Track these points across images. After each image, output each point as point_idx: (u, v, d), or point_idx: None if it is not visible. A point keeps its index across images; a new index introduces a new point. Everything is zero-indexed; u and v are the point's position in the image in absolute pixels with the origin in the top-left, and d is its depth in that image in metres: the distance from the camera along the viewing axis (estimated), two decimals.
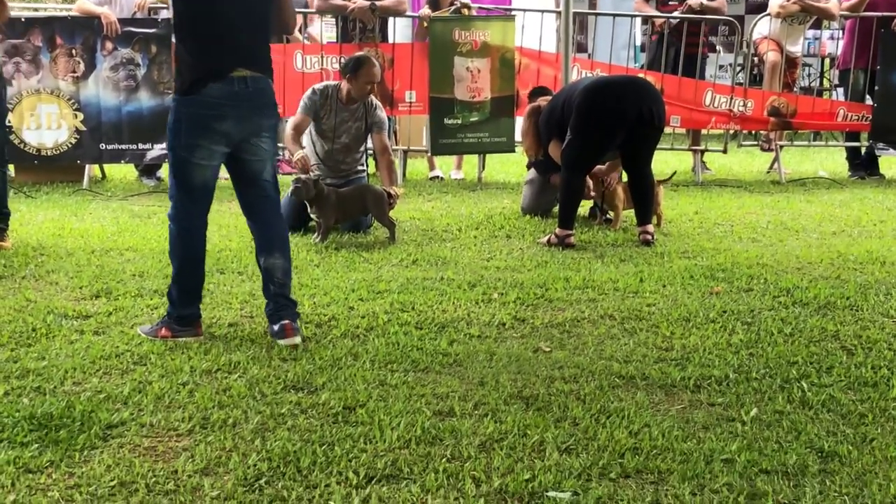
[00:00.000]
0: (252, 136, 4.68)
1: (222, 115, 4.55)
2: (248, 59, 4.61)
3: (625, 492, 3.09)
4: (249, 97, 4.61)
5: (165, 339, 4.64)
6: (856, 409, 3.80)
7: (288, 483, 3.13)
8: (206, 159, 4.61)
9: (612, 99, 6.94)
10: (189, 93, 4.54)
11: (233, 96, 4.56)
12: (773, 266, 6.22)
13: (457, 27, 9.74)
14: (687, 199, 9.11)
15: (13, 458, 3.28)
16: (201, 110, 4.53)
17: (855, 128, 10.80)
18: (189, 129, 4.55)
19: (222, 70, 4.55)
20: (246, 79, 4.59)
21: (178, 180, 4.64)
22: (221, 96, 4.53)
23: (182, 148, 4.57)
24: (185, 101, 4.56)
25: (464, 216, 8.05)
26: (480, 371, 4.22)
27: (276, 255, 4.78)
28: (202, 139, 4.56)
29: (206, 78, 4.52)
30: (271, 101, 4.76)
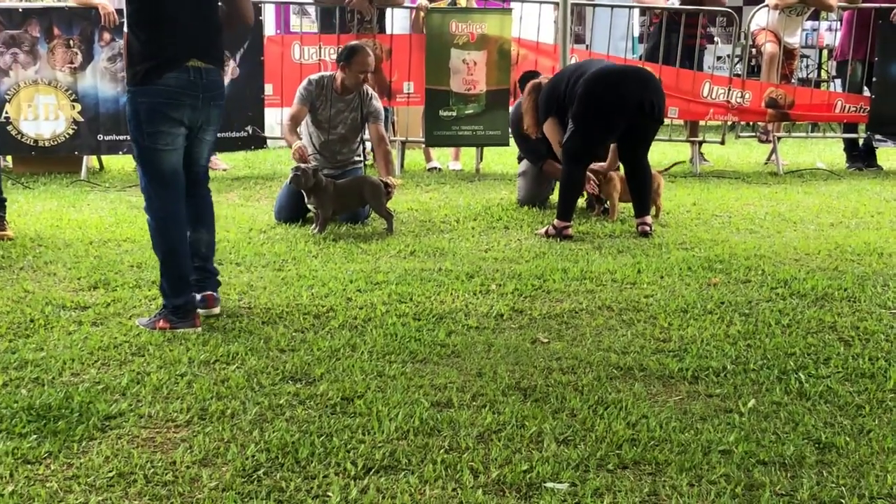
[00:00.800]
0: (201, 130, 4.83)
1: (179, 104, 4.64)
2: (201, 50, 4.70)
3: (622, 483, 3.10)
4: (205, 88, 4.72)
5: (164, 330, 4.66)
6: (853, 401, 3.81)
7: (286, 474, 3.14)
8: (171, 144, 4.69)
9: (613, 89, 6.92)
10: (144, 83, 4.59)
11: (190, 85, 4.65)
12: (771, 257, 6.23)
13: (454, 19, 9.72)
14: (685, 190, 9.11)
15: (12, 449, 3.28)
16: (158, 99, 4.60)
17: (853, 119, 10.80)
18: (148, 118, 4.61)
19: (178, 60, 4.62)
20: (200, 69, 4.69)
21: (148, 170, 4.71)
22: (178, 85, 4.62)
23: (145, 137, 4.64)
24: (141, 92, 4.61)
25: (462, 207, 8.05)
26: (478, 362, 4.22)
27: (201, 230, 4.97)
28: (163, 125, 4.63)
29: (163, 67, 4.59)
30: (222, 93, 4.90)
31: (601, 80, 6.95)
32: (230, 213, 7.75)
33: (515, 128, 8.45)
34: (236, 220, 7.50)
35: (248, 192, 8.84)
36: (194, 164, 4.92)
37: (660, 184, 7.72)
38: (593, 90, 6.90)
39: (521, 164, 8.48)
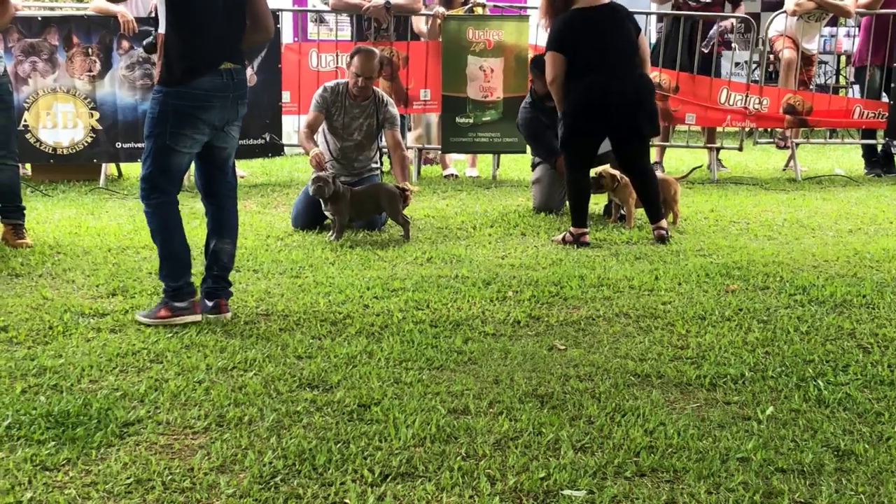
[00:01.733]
0: (227, 125, 4.97)
1: (211, 106, 4.80)
2: (233, 52, 4.90)
3: (640, 490, 3.09)
4: (235, 88, 4.89)
5: (164, 319, 4.83)
6: (872, 408, 3.79)
7: (303, 481, 3.14)
8: (189, 148, 4.86)
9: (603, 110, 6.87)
10: (180, 84, 4.74)
11: (222, 87, 4.82)
12: (790, 264, 6.20)
13: (471, 26, 9.74)
14: (702, 196, 9.09)
15: (30, 456, 3.30)
16: (190, 102, 4.75)
17: (871, 125, 10.77)
18: (176, 120, 4.75)
19: (214, 63, 4.80)
20: (231, 71, 4.87)
21: (158, 165, 4.83)
22: (212, 88, 4.78)
23: (167, 136, 4.77)
24: (173, 94, 4.75)
25: (478, 214, 8.05)
26: (495, 369, 4.22)
27: (226, 240, 5.12)
28: (188, 129, 4.79)
29: (201, 70, 4.77)
30: (247, 91, 5.08)
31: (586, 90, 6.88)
32: (248, 221, 7.76)
33: (526, 129, 8.46)
34: (254, 227, 7.52)
35: (266, 200, 8.86)
36: (224, 164, 5.09)
37: (676, 190, 7.70)
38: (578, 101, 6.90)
39: (535, 172, 8.48)
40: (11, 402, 3.76)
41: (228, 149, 5.08)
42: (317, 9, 11.63)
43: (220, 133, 4.95)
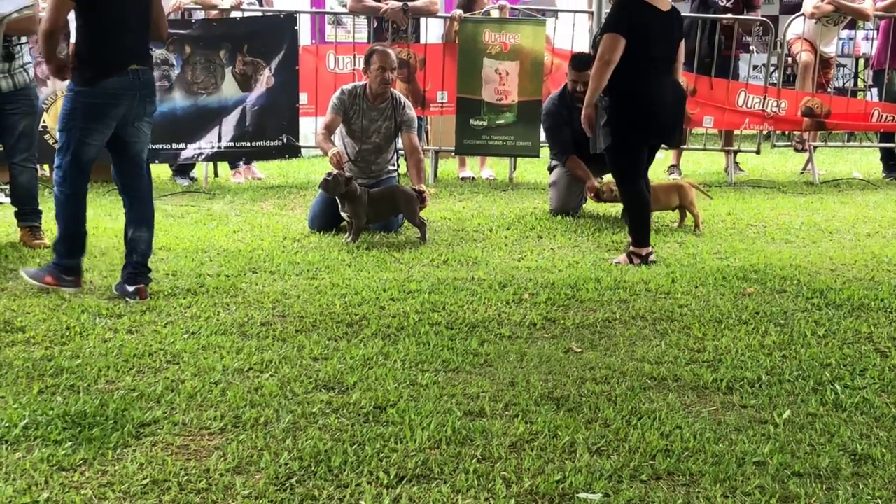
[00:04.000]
0: (136, 120, 5.50)
1: (119, 103, 5.36)
2: (139, 55, 5.46)
3: (656, 494, 3.08)
4: (141, 87, 5.44)
5: (49, 285, 5.44)
6: (889, 412, 3.78)
7: (319, 482, 3.14)
8: (98, 140, 5.43)
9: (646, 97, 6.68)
10: (90, 84, 5.30)
11: (129, 86, 5.37)
12: (807, 267, 6.18)
13: (487, 29, 9.73)
14: (720, 199, 9.06)
15: (47, 456, 3.31)
16: (100, 100, 5.32)
17: (889, 128, 10.71)
18: (86, 116, 5.33)
19: (122, 65, 5.35)
20: (138, 71, 5.42)
21: (71, 155, 5.40)
22: (119, 87, 5.34)
23: (78, 130, 5.35)
24: (84, 93, 5.32)
25: (495, 216, 8.05)
26: (511, 371, 4.22)
27: (143, 228, 5.58)
28: (98, 124, 5.36)
29: (109, 72, 5.32)
30: (154, 91, 5.64)
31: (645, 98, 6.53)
32: (264, 222, 7.78)
33: (546, 119, 8.44)
34: (270, 228, 7.53)
35: (282, 201, 8.87)
36: (136, 157, 5.60)
37: (693, 194, 7.68)
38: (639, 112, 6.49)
39: (552, 174, 8.47)
40: (28, 403, 3.78)
41: (140, 143, 5.58)
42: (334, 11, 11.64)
43: (130, 128, 5.48)
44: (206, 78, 9.46)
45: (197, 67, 9.46)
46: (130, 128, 5.49)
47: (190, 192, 9.38)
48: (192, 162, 9.85)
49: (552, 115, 8.38)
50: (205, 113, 9.51)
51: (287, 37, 9.59)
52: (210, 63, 9.46)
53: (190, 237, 7.08)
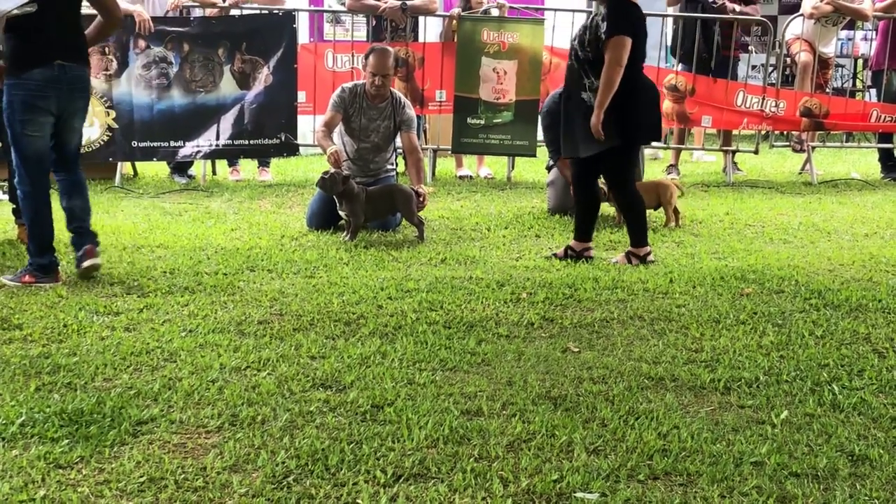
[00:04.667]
0: (70, 118, 5.77)
1: (46, 95, 5.57)
2: (66, 51, 5.64)
3: (653, 494, 3.08)
4: (68, 81, 5.64)
5: (29, 284, 5.57)
6: (887, 413, 3.78)
7: (316, 481, 3.14)
8: (39, 132, 5.63)
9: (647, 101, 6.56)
10: (16, 76, 5.54)
11: (54, 79, 5.58)
12: (805, 268, 6.18)
13: (486, 27, 9.72)
14: (718, 199, 9.07)
15: (44, 454, 3.30)
16: (27, 91, 5.54)
17: (888, 129, 10.72)
18: (21, 108, 5.56)
19: (46, 59, 5.55)
20: (64, 66, 5.61)
21: (16, 151, 5.67)
22: (43, 79, 5.54)
23: (18, 124, 5.59)
24: (14, 85, 5.56)
25: (493, 215, 8.05)
26: (509, 371, 4.21)
27: (75, 198, 5.87)
28: (32, 115, 5.57)
29: (31, 64, 5.52)
30: (86, 87, 5.84)
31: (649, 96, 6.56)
32: (262, 220, 7.78)
33: (546, 117, 8.42)
34: (268, 226, 7.53)
35: (281, 200, 8.87)
36: (64, 147, 5.83)
37: (672, 192, 7.69)
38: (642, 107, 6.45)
39: (550, 173, 8.47)
40: (25, 400, 3.77)
41: (73, 142, 5.88)
42: (333, 9, 11.64)
43: (63, 123, 5.73)
44: (204, 76, 9.46)
45: (195, 65, 9.46)
46: (64, 125, 5.75)
47: (188, 190, 9.38)
48: (191, 160, 9.86)
49: (552, 113, 8.35)
50: (203, 111, 9.52)
51: (286, 35, 9.59)
52: (209, 61, 9.46)
53: (188, 235, 7.08)
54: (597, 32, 6.22)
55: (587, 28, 6.31)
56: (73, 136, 5.89)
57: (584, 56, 6.29)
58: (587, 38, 6.27)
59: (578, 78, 6.35)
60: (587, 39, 6.26)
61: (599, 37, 6.20)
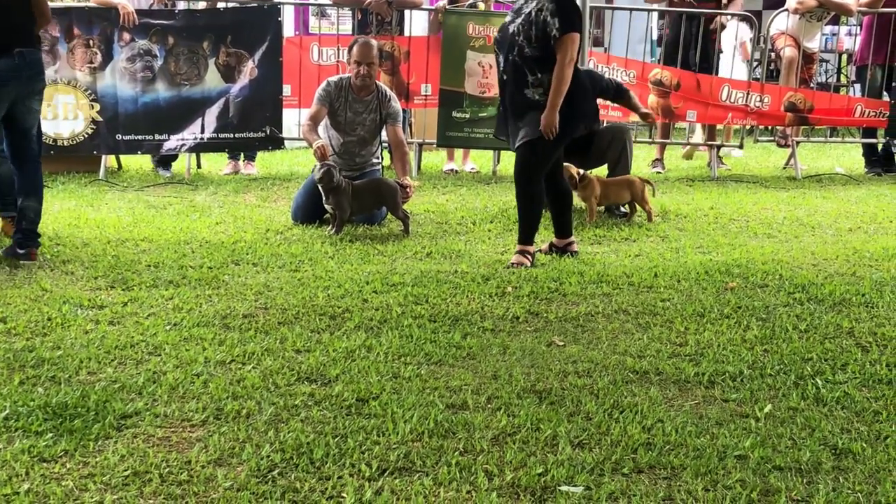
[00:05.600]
0: (26, 99, 6.00)
1: (6, 84, 5.85)
2: (23, 38, 5.94)
3: (637, 487, 3.09)
4: (28, 67, 5.95)
5: None
6: (870, 407, 3.79)
7: (301, 474, 3.14)
8: None
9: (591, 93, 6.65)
10: None
11: (14, 67, 5.87)
12: (789, 262, 6.20)
13: (471, 21, 9.72)
14: (702, 194, 9.08)
15: (28, 447, 3.30)
16: None
17: (872, 124, 10.76)
18: None
19: (6, 48, 5.83)
20: (24, 53, 5.90)
21: None
22: (5, 68, 5.84)
23: None
24: None
25: (478, 209, 8.05)
26: (494, 364, 4.22)
27: (31, 198, 6.08)
28: None
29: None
30: (41, 70, 6.14)
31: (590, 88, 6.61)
32: (247, 214, 7.76)
33: None
34: (253, 220, 7.51)
35: (266, 193, 8.85)
36: (27, 132, 6.07)
37: (643, 189, 7.70)
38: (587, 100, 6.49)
39: None
40: (9, 394, 3.76)
41: (29, 120, 6.07)
42: (318, 2, 11.61)
43: (20, 106, 5.97)
44: (189, 69, 9.43)
45: (180, 58, 9.43)
46: (20, 106, 5.97)
47: (173, 183, 9.35)
48: (175, 153, 9.83)
49: None
50: (188, 104, 9.49)
51: (271, 28, 9.57)
52: (193, 54, 9.43)
53: (172, 228, 7.06)
54: (545, 28, 6.00)
55: (532, 23, 6.03)
56: (29, 117, 6.08)
57: (531, 53, 6.05)
58: (534, 34, 6.03)
59: (522, 74, 6.11)
60: (534, 35, 6.02)
61: (549, 33, 5.99)
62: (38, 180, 6.18)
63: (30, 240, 6.02)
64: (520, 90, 6.15)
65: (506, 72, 6.22)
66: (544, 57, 6.04)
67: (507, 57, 6.17)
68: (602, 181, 7.73)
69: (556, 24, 5.98)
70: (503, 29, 6.28)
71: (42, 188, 6.22)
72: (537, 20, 6.01)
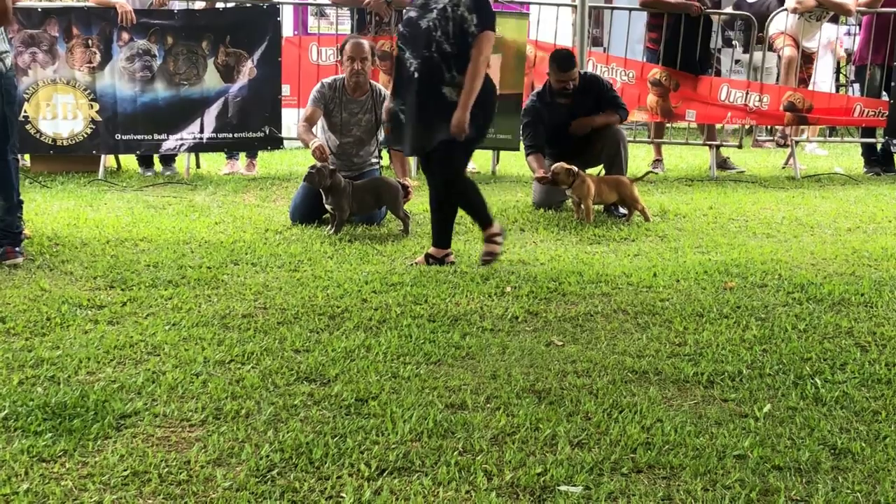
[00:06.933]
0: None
1: None
2: None
3: (636, 487, 3.09)
4: None
5: None
6: (869, 406, 3.79)
7: (300, 474, 3.14)
8: None
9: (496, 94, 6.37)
10: None
11: None
12: (788, 262, 6.20)
13: None
14: (701, 194, 9.09)
15: (27, 447, 3.29)
16: None
17: (871, 123, 10.77)
18: None
19: None
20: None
21: None
22: None
23: None
24: None
25: None
26: (493, 364, 4.22)
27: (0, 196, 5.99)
28: None
29: None
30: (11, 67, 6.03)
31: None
32: (246, 214, 7.76)
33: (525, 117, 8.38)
34: (252, 220, 7.51)
35: (265, 193, 8.85)
36: None
37: (632, 189, 7.70)
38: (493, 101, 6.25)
39: None
40: (8, 393, 3.76)
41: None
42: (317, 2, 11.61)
43: None
44: (188, 69, 9.44)
45: (179, 58, 9.44)
46: None
47: (172, 183, 9.35)
48: (175, 153, 9.84)
49: (529, 112, 8.38)
50: (187, 104, 9.51)
51: (270, 28, 9.58)
52: (192, 54, 9.44)
53: (171, 228, 7.06)
54: (462, 24, 5.79)
55: (449, 19, 5.80)
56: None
57: (450, 49, 5.83)
58: (451, 31, 5.81)
59: (439, 71, 5.87)
60: (452, 31, 5.81)
61: (466, 30, 5.80)
62: (6, 174, 5.99)
63: (4, 238, 5.96)
64: (435, 89, 5.90)
65: (418, 70, 5.91)
66: (462, 54, 5.84)
67: (420, 54, 5.89)
68: (594, 179, 7.74)
69: (475, 21, 5.79)
70: (410, 24, 6.00)
71: (11, 185, 6.03)
72: (454, 16, 5.79)
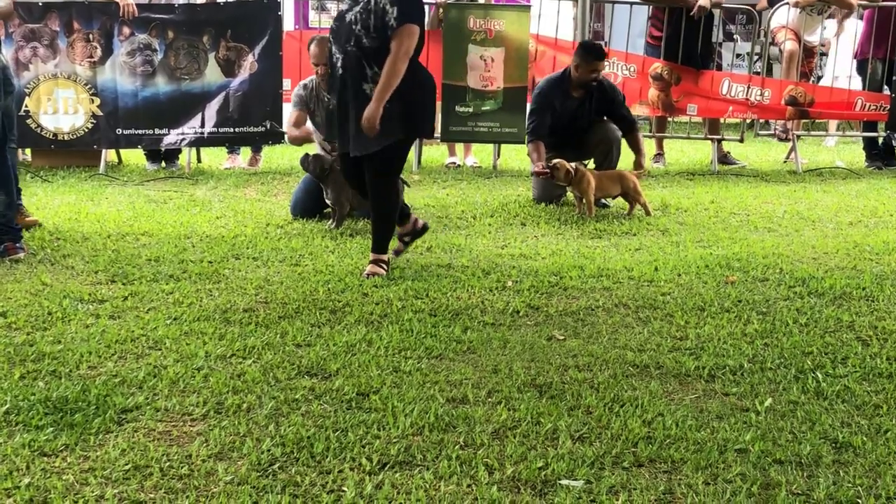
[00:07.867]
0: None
1: None
2: None
3: (638, 480, 3.09)
4: None
5: None
6: (870, 400, 3.79)
7: (301, 468, 3.14)
8: None
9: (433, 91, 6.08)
10: None
11: None
12: (789, 256, 6.20)
13: (472, 15, 9.70)
14: (703, 188, 9.08)
15: (28, 442, 3.30)
16: None
17: (872, 117, 10.76)
18: None
19: None
20: None
21: None
22: None
23: None
24: None
25: (478, 204, 8.05)
26: (494, 358, 4.22)
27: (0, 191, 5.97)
28: None
29: None
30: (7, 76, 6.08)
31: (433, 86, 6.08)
32: (247, 208, 7.76)
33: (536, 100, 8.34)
34: (253, 214, 7.51)
35: (266, 188, 8.85)
36: None
37: (635, 183, 7.70)
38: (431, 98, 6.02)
39: None
40: (10, 388, 3.76)
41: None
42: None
43: None
44: (189, 63, 9.43)
45: (180, 53, 9.43)
46: None
47: (173, 177, 9.35)
48: (176, 147, 9.82)
49: (540, 98, 8.32)
50: (188, 98, 9.50)
51: (271, 22, 9.57)
52: (193, 48, 9.44)
53: (172, 223, 7.06)
54: (383, 17, 5.52)
55: (371, 12, 5.53)
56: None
57: (369, 44, 5.55)
58: (372, 24, 5.53)
59: (360, 67, 5.60)
60: (372, 25, 5.53)
61: (387, 23, 5.52)
62: (5, 170, 6.01)
63: (5, 234, 5.95)
64: (357, 85, 5.63)
65: (343, 66, 5.66)
66: (382, 49, 5.56)
67: (344, 49, 5.64)
68: (595, 174, 7.74)
69: (394, 14, 5.52)
70: (340, 18, 5.79)
71: (10, 181, 6.07)
72: (376, 8, 5.52)
